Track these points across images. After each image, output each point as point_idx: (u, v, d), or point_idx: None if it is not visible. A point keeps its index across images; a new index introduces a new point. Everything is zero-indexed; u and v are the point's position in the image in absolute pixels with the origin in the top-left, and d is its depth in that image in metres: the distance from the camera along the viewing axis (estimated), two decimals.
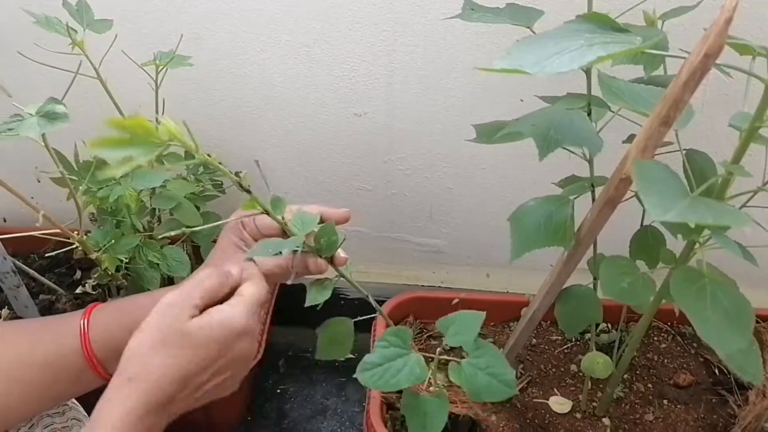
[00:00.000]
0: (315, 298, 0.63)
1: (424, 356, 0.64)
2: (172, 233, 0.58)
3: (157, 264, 0.83)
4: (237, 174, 0.55)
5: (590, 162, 0.72)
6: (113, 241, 0.79)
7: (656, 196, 0.42)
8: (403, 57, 0.95)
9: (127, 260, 0.81)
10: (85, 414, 0.74)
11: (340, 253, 0.64)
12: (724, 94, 0.90)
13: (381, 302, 0.98)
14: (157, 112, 0.86)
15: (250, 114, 1.04)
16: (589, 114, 0.67)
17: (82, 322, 0.62)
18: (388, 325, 0.75)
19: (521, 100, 0.95)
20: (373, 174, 1.10)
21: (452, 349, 0.86)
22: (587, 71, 0.67)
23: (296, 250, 0.61)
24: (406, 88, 0.98)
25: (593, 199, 0.71)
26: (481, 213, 1.11)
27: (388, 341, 0.63)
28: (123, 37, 0.83)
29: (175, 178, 0.95)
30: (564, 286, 0.71)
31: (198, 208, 0.97)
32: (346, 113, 1.02)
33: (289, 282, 0.63)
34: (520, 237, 0.64)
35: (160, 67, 0.81)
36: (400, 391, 0.76)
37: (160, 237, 0.91)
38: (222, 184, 1.05)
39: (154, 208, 0.91)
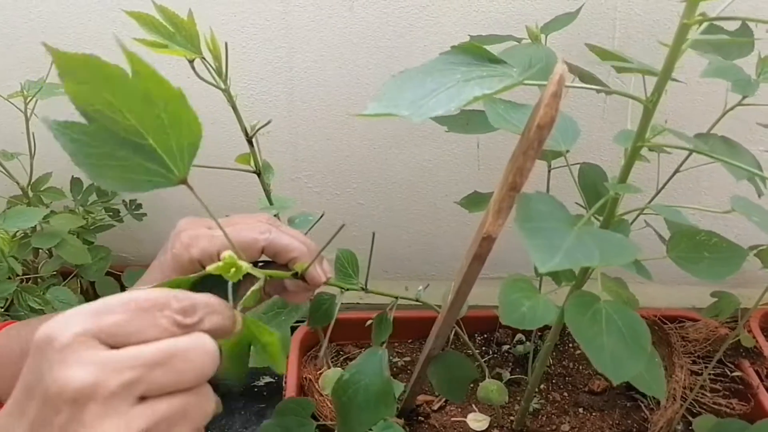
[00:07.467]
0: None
1: None
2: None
3: (42, 308, 0.77)
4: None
5: None
6: None
7: (542, 236, 0.40)
8: (301, 74, 0.91)
9: (4, 307, 0.74)
10: None
11: (319, 270, 0.55)
12: (627, 100, 0.90)
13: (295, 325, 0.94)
14: (30, 146, 0.79)
15: None
16: None
17: None
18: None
19: None
20: (281, 193, 1.06)
21: None
22: None
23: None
24: (307, 105, 0.94)
25: None
26: (393, 226, 1.09)
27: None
28: None
29: (61, 211, 0.88)
30: (436, 352, 0.72)
31: (91, 242, 0.90)
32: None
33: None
34: None
35: (29, 99, 0.73)
36: None
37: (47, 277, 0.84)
38: (119, 212, 0.98)
39: (37, 248, 0.84)
